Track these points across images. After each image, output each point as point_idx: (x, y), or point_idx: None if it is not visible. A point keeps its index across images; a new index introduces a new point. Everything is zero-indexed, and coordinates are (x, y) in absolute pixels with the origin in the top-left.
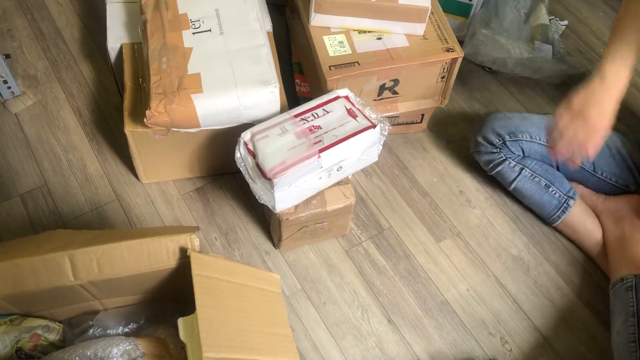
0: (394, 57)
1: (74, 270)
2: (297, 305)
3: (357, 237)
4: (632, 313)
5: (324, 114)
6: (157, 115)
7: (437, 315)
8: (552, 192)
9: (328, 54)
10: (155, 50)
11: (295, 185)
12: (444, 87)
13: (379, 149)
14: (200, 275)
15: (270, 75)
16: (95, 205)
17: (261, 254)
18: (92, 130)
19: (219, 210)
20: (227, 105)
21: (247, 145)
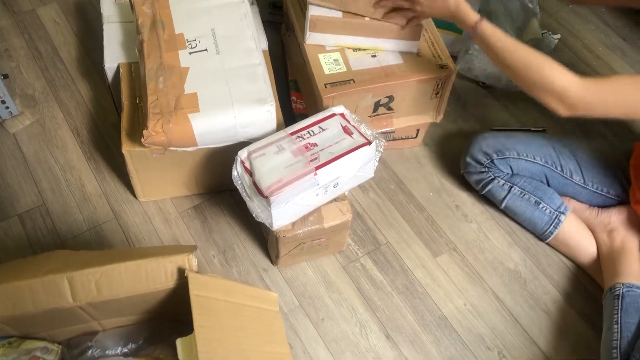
0: (389, 75)
1: (73, 292)
2: (295, 322)
3: (354, 253)
4: (616, 320)
5: (319, 132)
6: (154, 135)
7: (435, 331)
8: (543, 208)
9: (323, 72)
10: (152, 70)
11: (292, 203)
12: (438, 103)
13: (374, 165)
14: (198, 296)
15: (266, 94)
16: (93, 224)
17: (259, 271)
18: (89, 149)
19: (216, 227)
20: (223, 124)
21: (244, 163)
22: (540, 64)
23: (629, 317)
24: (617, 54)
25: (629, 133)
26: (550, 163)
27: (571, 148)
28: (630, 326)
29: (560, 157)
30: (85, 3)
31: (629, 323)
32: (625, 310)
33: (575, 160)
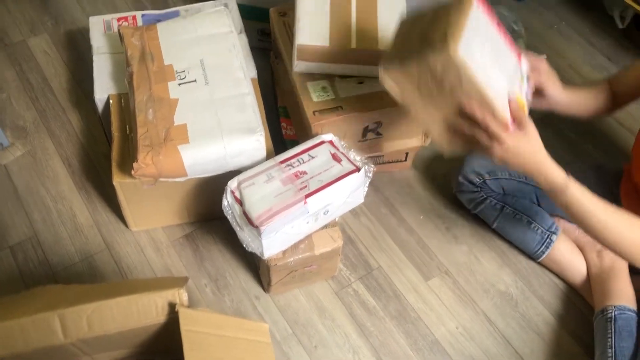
0: (376, 101)
1: (64, 329)
2: (288, 351)
3: (346, 279)
4: (610, 344)
5: (309, 159)
6: (144, 167)
7: (427, 355)
8: (535, 228)
9: (312, 100)
10: (142, 102)
11: (283, 232)
12: None
13: (364, 191)
14: (189, 331)
15: (255, 124)
16: (85, 255)
17: (251, 299)
18: (81, 180)
19: (208, 255)
20: (213, 155)
21: (234, 193)
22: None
23: (623, 341)
24: (603, 73)
25: (618, 152)
26: None
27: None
28: (624, 350)
29: None
30: (75, 33)
31: (623, 347)
32: (619, 334)
33: None
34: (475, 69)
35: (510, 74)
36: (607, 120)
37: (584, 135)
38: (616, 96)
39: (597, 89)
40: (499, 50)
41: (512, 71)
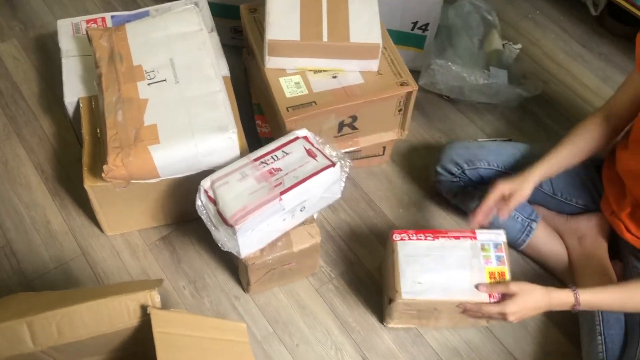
0: (350, 95)
1: (33, 337)
2: (269, 350)
3: (327, 275)
4: (599, 332)
5: (283, 156)
6: (114, 169)
7: (410, 348)
8: (515, 216)
9: (285, 96)
10: (111, 104)
11: (259, 230)
12: (402, 120)
13: (341, 186)
14: (161, 333)
15: (227, 121)
16: (60, 262)
17: (231, 299)
18: (54, 185)
19: (185, 257)
20: (185, 154)
21: (207, 192)
22: None
23: (611, 328)
24: (578, 60)
25: None
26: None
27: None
28: (614, 337)
29: None
30: (45, 38)
31: (612, 334)
32: (607, 322)
33: None
34: (426, 294)
35: (469, 260)
36: (585, 108)
37: (563, 124)
38: (615, 121)
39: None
40: (443, 253)
41: (469, 256)
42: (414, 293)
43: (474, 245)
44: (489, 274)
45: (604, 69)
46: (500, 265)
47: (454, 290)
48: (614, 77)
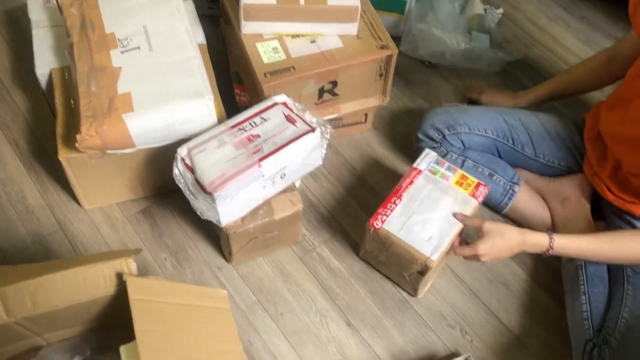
0: (329, 59)
1: (6, 308)
2: (253, 319)
3: (310, 243)
4: (583, 291)
5: (261, 122)
6: (88, 139)
7: (395, 314)
8: (497, 180)
9: (262, 61)
10: (84, 73)
11: (238, 197)
12: (383, 85)
13: (322, 153)
14: (138, 300)
15: (202, 87)
16: (37, 237)
17: (213, 270)
18: (29, 160)
19: (166, 229)
20: (160, 122)
21: (184, 160)
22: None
23: (595, 287)
24: (560, 24)
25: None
26: (502, 136)
27: (523, 121)
28: (598, 296)
29: (512, 131)
30: (16, 11)
31: (596, 293)
32: (591, 281)
33: (527, 133)
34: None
35: (435, 190)
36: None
37: None
38: (617, 64)
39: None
40: (416, 203)
41: (432, 187)
42: (437, 248)
43: (427, 177)
44: (456, 184)
45: (586, 32)
46: (455, 172)
47: (451, 222)
48: (596, 40)
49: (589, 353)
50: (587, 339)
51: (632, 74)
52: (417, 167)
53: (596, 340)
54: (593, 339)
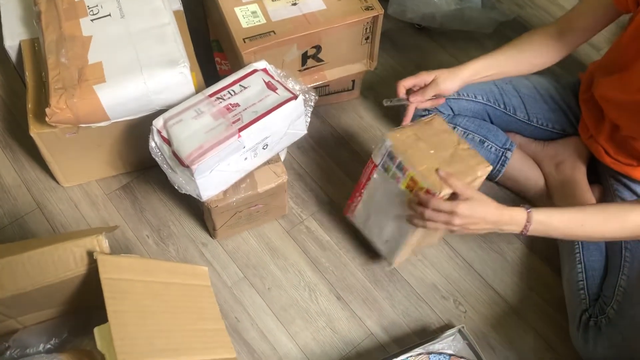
0: (312, 22)
1: None
2: (240, 295)
3: (297, 216)
4: (579, 259)
5: (241, 90)
6: (58, 112)
7: (387, 286)
8: (488, 146)
9: (241, 26)
10: (52, 43)
11: (218, 170)
12: (370, 49)
13: (306, 121)
14: (109, 279)
15: (177, 55)
16: (15, 217)
17: (198, 246)
18: (4, 138)
19: (148, 206)
20: (134, 93)
21: (160, 132)
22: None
23: (591, 255)
24: None
25: (574, 63)
26: (493, 101)
27: (514, 84)
28: (594, 264)
29: (503, 94)
30: None
31: (592, 261)
32: (587, 249)
33: (518, 96)
34: None
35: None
36: None
37: None
38: (571, 36)
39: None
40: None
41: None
42: (392, 253)
43: (380, 174)
44: (406, 188)
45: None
46: (406, 174)
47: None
48: None
49: (585, 323)
50: (584, 309)
51: (627, 38)
52: (374, 160)
53: (592, 310)
54: (589, 309)
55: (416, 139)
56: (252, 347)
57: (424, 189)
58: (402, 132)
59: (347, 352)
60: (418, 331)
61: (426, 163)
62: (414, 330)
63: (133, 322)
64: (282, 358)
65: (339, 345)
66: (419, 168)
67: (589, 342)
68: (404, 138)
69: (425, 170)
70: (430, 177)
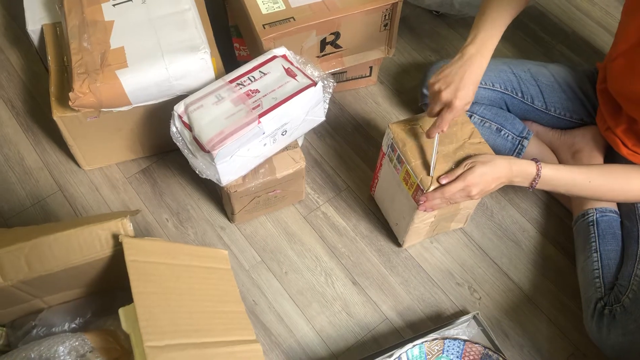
0: (331, 9)
1: (2, 271)
2: (258, 278)
3: (314, 202)
4: (595, 248)
5: (260, 77)
6: (81, 96)
7: (402, 272)
8: (505, 135)
9: (261, 12)
10: (75, 28)
11: (238, 155)
12: (388, 36)
13: (325, 108)
14: (134, 261)
15: (198, 41)
16: (37, 199)
17: (216, 230)
18: (26, 121)
19: (167, 189)
20: (155, 78)
21: (181, 118)
22: (620, 181)
23: (607, 244)
24: None
25: (592, 52)
26: (510, 89)
27: (532, 72)
28: (610, 253)
29: (521, 83)
30: None
31: (608, 250)
32: (603, 237)
33: (536, 85)
34: None
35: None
36: (580, 18)
37: (558, 36)
38: None
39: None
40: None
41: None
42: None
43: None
44: (403, 180)
45: None
46: (402, 166)
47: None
48: None
49: (599, 312)
50: (598, 297)
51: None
52: (382, 149)
53: (607, 299)
54: (604, 297)
55: (421, 131)
56: (269, 329)
57: (415, 184)
58: (406, 124)
59: (362, 336)
60: (433, 317)
61: (422, 158)
62: (429, 316)
63: (157, 304)
64: (299, 341)
65: (354, 329)
66: (413, 162)
67: (602, 330)
68: (407, 130)
69: (418, 166)
70: (422, 172)
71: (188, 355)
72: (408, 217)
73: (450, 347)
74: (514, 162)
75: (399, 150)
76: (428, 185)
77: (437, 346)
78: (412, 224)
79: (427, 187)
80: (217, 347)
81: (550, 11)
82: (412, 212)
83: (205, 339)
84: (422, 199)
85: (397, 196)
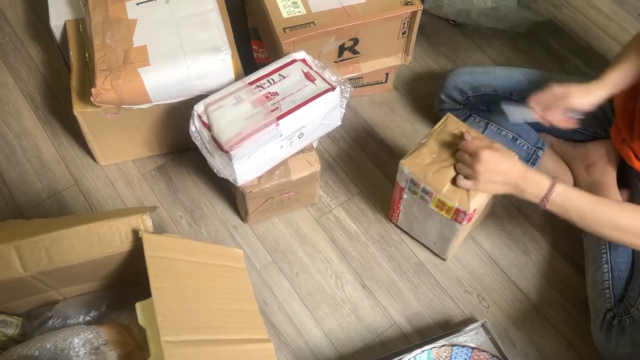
0: (351, 15)
1: (22, 262)
2: (269, 279)
3: (326, 205)
4: (606, 260)
5: (280, 80)
6: (103, 93)
7: (412, 277)
8: (520, 144)
9: (282, 16)
10: (98, 25)
11: (255, 156)
12: (406, 43)
13: (341, 112)
14: (153, 257)
15: (220, 42)
16: (53, 191)
17: (229, 229)
18: (44, 114)
19: (182, 187)
20: (176, 77)
21: (201, 117)
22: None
23: (618, 256)
24: None
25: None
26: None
27: (548, 84)
28: (621, 265)
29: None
30: None
31: (619, 262)
32: (614, 249)
33: None
34: None
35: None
36: (598, 34)
37: (574, 50)
38: None
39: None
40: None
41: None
42: (444, 251)
43: (409, 195)
44: (436, 207)
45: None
46: (432, 197)
47: (448, 233)
48: (629, 0)
49: (608, 323)
50: (608, 308)
51: None
52: (399, 184)
53: (617, 310)
54: (613, 308)
55: (431, 159)
56: (278, 329)
57: (454, 209)
58: (417, 156)
59: (370, 340)
60: (441, 323)
61: (447, 182)
62: (437, 323)
63: (174, 299)
64: (308, 342)
65: (363, 333)
66: (443, 191)
67: (611, 341)
68: (420, 162)
69: (450, 192)
70: (456, 195)
71: (202, 352)
72: (450, 234)
73: (458, 354)
74: (530, 171)
75: (422, 184)
76: (467, 204)
77: (445, 352)
78: (455, 240)
79: (468, 209)
80: (230, 344)
81: (567, 25)
82: (455, 230)
83: (219, 336)
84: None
85: (430, 220)
